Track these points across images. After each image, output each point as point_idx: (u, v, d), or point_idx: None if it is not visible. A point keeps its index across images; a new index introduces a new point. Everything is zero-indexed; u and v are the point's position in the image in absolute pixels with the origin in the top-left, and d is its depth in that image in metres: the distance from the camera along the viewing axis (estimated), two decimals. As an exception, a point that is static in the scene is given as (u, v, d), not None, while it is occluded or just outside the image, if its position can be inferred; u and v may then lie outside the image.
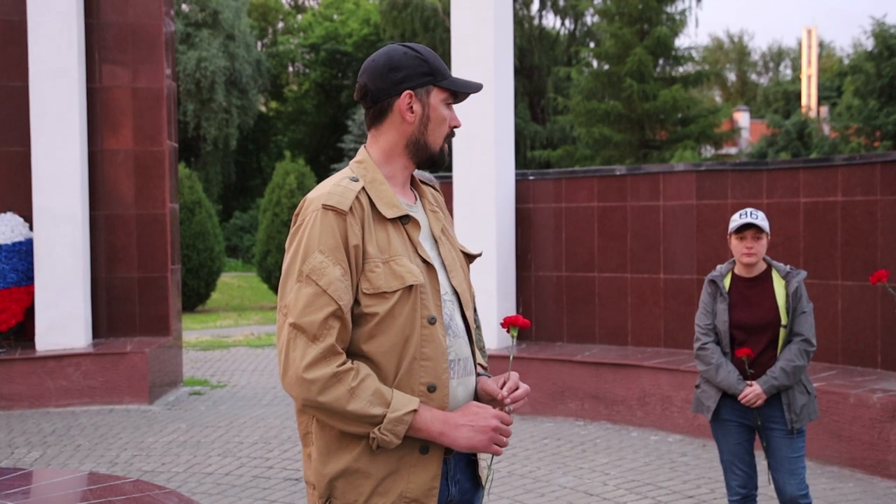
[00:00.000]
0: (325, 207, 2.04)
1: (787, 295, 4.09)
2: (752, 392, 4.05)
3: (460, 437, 2.06)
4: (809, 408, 4.11)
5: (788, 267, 4.20)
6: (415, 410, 2.02)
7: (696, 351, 4.24)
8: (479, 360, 2.32)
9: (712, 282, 4.23)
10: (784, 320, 4.08)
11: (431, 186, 2.36)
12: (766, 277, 4.16)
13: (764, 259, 4.19)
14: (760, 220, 4.08)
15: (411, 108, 2.15)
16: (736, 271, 4.21)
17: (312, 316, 1.99)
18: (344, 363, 2.01)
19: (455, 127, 2.22)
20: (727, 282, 4.21)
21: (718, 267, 4.30)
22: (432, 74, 2.16)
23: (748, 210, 4.14)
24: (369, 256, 2.06)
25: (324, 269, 2.01)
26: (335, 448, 2.08)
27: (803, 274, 4.18)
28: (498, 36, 8.26)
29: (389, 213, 2.11)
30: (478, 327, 3.74)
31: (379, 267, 2.05)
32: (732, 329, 4.14)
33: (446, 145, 2.21)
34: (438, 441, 2.06)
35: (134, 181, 8.82)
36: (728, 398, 4.15)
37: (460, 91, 2.20)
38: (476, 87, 2.21)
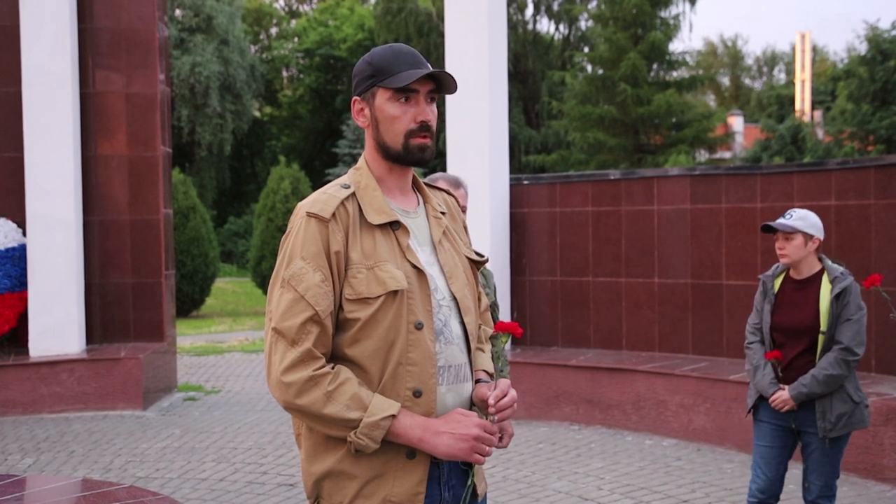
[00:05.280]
0: (309, 215, 2.09)
1: (831, 300, 3.97)
2: (780, 397, 4.00)
3: (440, 445, 2.06)
4: (854, 417, 4.00)
5: (840, 270, 4.04)
6: (393, 416, 2.03)
7: (745, 348, 4.22)
8: (483, 366, 2.29)
9: (762, 282, 4.16)
10: (823, 326, 3.96)
11: (445, 191, 2.35)
12: (815, 280, 4.04)
13: (820, 259, 4.08)
14: (791, 220, 3.98)
15: (363, 112, 2.19)
16: (789, 272, 4.11)
17: (291, 321, 2.03)
18: (322, 367, 2.03)
19: (423, 121, 2.13)
20: (777, 283, 4.12)
21: (774, 266, 4.20)
22: (374, 76, 2.15)
23: (788, 211, 4.07)
24: (352, 262, 2.08)
25: (303, 276, 2.04)
26: (321, 449, 2.11)
27: (850, 279, 4.02)
28: (492, 41, 8.26)
29: (376, 220, 2.12)
30: (498, 337, 3.70)
31: (362, 273, 2.07)
32: (773, 331, 4.08)
33: (414, 141, 2.13)
34: (418, 447, 2.06)
35: (128, 186, 8.81)
36: (766, 399, 4.11)
37: (397, 86, 2.10)
38: (414, 76, 2.09)
